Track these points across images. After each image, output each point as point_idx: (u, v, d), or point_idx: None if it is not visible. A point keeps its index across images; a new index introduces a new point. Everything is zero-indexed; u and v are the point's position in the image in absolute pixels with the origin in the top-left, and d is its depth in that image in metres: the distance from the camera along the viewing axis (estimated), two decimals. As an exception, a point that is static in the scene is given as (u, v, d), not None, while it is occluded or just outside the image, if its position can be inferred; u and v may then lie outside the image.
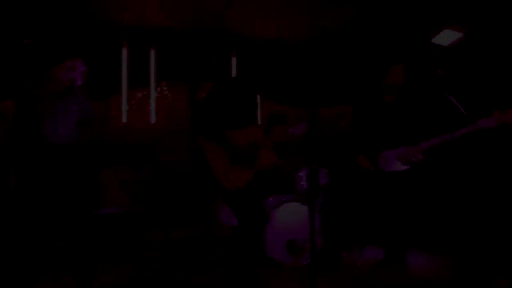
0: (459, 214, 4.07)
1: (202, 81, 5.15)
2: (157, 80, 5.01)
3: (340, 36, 5.11)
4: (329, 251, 3.88)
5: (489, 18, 4.21)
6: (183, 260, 3.80)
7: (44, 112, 2.80)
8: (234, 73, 5.31)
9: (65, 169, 2.63)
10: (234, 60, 5.37)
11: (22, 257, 2.59)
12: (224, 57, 5.27)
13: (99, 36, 4.74)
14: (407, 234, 3.52)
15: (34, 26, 4.29)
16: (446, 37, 4.53)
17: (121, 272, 3.36)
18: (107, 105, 4.82)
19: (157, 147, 4.94)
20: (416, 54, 4.72)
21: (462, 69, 4.42)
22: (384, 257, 3.62)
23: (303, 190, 3.91)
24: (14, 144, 2.65)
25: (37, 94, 2.84)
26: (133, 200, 3.39)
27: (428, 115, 3.52)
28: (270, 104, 5.41)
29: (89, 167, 2.66)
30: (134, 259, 3.90)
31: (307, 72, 2.75)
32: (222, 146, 2.73)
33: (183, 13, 4.44)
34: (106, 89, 4.81)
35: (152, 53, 5.00)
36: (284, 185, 4.00)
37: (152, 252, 4.13)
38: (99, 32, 4.72)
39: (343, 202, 4.49)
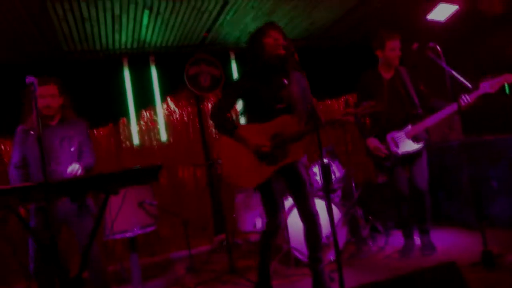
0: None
1: (206, 91, 5.21)
2: (162, 96, 5.09)
3: (333, 29, 5.13)
4: (355, 242, 3.88)
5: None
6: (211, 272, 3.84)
7: None
8: (236, 77, 5.38)
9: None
10: (234, 66, 5.44)
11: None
12: (224, 63, 5.33)
13: (99, 60, 4.87)
14: (429, 213, 3.48)
15: (33, 62, 4.43)
16: (442, 12, 4.47)
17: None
18: (117, 129, 4.90)
19: (171, 163, 5.00)
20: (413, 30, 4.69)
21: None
22: (411, 241, 3.59)
23: (318, 185, 3.91)
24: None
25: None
26: (153, 219, 3.43)
27: (428, 88, 3.45)
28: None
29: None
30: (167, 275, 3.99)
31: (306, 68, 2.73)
32: (246, 144, 2.62)
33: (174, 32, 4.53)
34: (114, 113, 4.90)
35: (153, 69, 5.09)
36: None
37: (180, 269, 4.19)
38: (98, 56, 4.84)
39: (363, 192, 4.48)
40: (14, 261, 3.89)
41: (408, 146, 3.35)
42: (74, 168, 2.70)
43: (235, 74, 5.41)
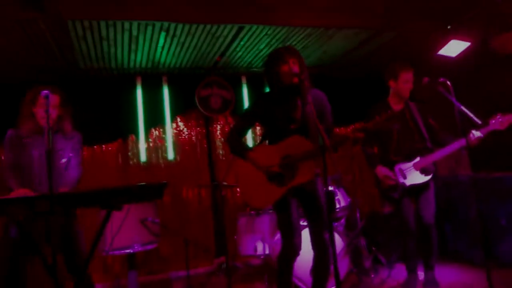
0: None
1: (216, 113, 5.28)
2: (172, 116, 5.18)
3: (345, 59, 5.21)
4: (356, 273, 3.81)
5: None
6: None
7: None
8: (246, 101, 5.46)
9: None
10: (245, 90, 5.52)
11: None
12: (235, 87, 5.43)
13: (113, 78, 5.00)
14: (434, 248, 3.41)
15: (49, 78, 4.55)
16: (453, 48, 4.52)
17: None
18: (125, 146, 4.96)
19: (177, 182, 5.02)
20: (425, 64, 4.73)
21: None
22: (414, 276, 3.51)
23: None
24: None
25: None
26: (154, 237, 3.43)
27: (437, 122, 3.47)
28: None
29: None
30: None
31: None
32: (255, 165, 2.65)
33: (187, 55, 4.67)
34: (124, 130, 4.99)
35: (165, 89, 5.20)
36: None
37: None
38: (112, 74, 4.97)
39: (368, 223, 4.43)
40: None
41: (416, 178, 3.33)
42: None
43: (246, 98, 5.49)
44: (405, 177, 3.35)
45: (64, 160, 2.87)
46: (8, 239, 2.57)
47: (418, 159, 3.34)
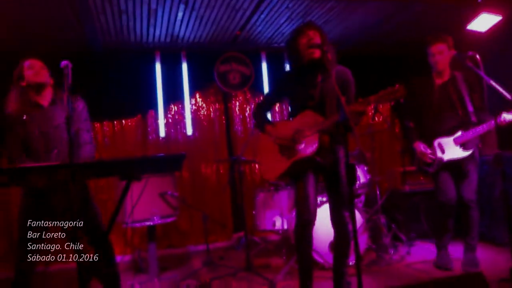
0: None
1: (235, 89, 5.24)
2: (191, 91, 5.16)
3: (368, 35, 5.03)
4: (375, 250, 3.78)
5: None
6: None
7: None
8: (265, 77, 5.38)
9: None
10: (264, 65, 5.43)
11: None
12: (254, 63, 5.35)
13: (131, 53, 4.99)
14: (474, 227, 3.32)
15: (65, 51, 4.54)
16: (484, 22, 4.31)
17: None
18: (145, 121, 4.98)
19: (195, 157, 5.04)
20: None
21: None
22: (445, 252, 3.42)
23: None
24: None
25: None
26: (173, 210, 3.47)
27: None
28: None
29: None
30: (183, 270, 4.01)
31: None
32: (275, 138, 2.76)
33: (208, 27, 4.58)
34: (143, 105, 5.00)
35: (184, 65, 5.16)
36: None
37: (197, 262, 4.21)
38: (131, 49, 4.95)
39: (388, 200, 4.37)
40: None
41: (455, 153, 3.22)
42: None
43: (266, 74, 5.41)
44: (443, 152, 3.25)
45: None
46: (25, 208, 2.52)
47: (459, 133, 3.22)
